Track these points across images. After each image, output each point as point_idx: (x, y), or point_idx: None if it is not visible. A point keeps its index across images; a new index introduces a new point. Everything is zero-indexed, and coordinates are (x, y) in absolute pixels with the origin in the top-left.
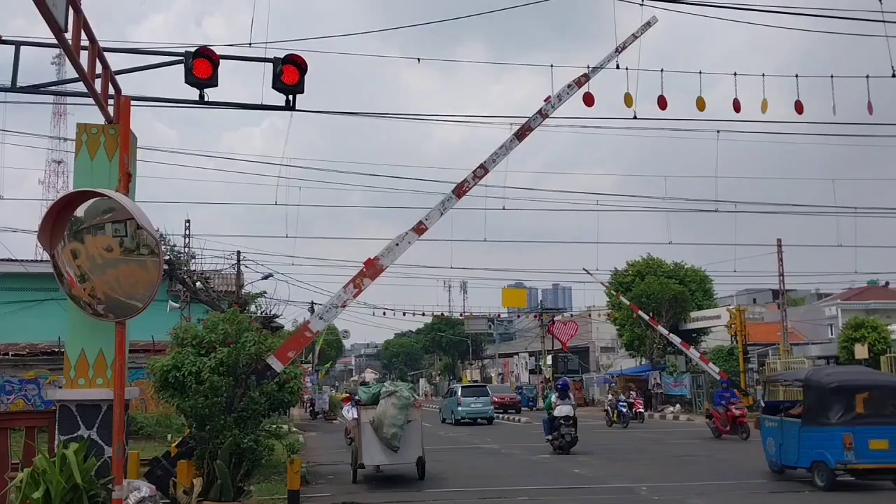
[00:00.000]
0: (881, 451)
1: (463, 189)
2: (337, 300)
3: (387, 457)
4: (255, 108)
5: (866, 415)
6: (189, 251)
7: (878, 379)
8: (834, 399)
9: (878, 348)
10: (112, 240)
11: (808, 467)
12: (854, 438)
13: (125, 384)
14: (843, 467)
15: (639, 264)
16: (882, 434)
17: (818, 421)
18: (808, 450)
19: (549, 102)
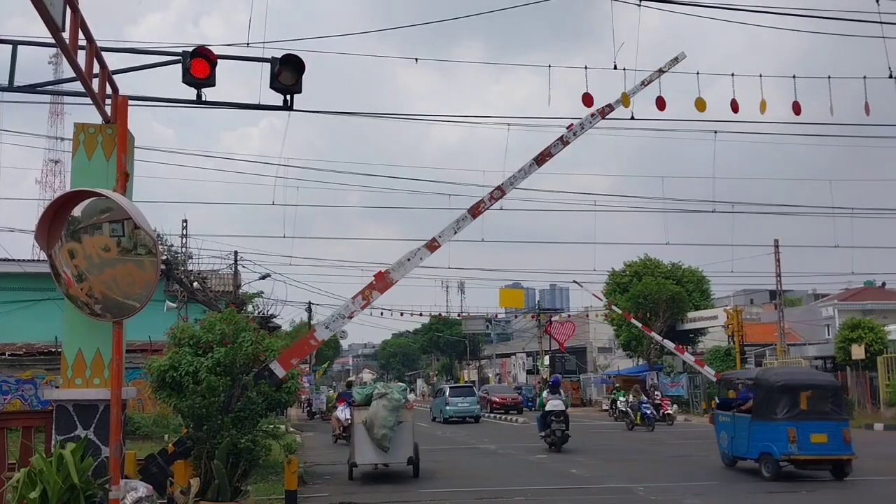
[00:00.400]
0: (821, 444)
1: (479, 209)
2: (344, 310)
3: (378, 456)
4: (252, 108)
5: (809, 411)
6: (186, 251)
7: (820, 379)
8: (780, 397)
9: (874, 349)
10: (109, 239)
11: (757, 458)
12: (797, 432)
13: (122, 384)
14: (787, 459)
15: (636, 265)
16: (822, 429)
17: (766, 416)
18: (757, 442)
19: (572, 130)
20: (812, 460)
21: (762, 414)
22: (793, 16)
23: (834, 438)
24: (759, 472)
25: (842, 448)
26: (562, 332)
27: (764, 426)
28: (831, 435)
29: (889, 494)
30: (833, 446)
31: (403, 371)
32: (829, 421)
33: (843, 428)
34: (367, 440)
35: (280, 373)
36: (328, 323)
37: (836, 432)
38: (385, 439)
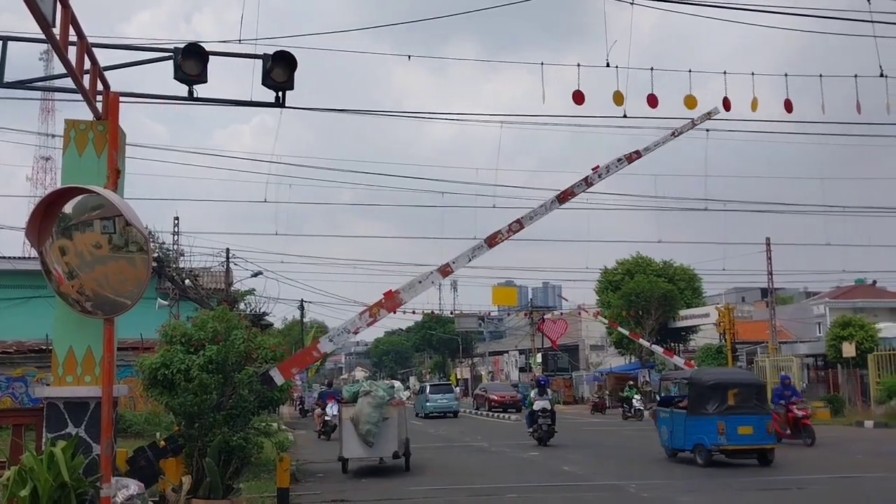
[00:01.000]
0: (747, 436)
1: (495, 240)
2: (350, 325)
3: (364, 451)
4: (244, 105)
5: (736, 406)
6: (178, 248)
7: (746, 378)
8: (711, 394)
9: (865, 346)
10: (101, 236)
11: (691, 449)
12: (726, 425)
13: (113, 382)
14: (717, 448)
15: (628, 263)
16: (748, 422)
17: (699, 412)
18: (692, 435)
19: (597, 172)
20: (739, 450)
21: (695, 410)
22: (785, 14)
23: (758, 430)
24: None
25: (765, 438)
26: (554, 330)
27: (697, 420)
28: (756, 427)
29: (879, 491)
30: (757, 437)
31: (396, 369)
32: (754, 415)
33: (766, 421)
34: (354, 435)
35: (279, 380)
36: (332, 336)
37: (760, 425)
38: (369, 434)
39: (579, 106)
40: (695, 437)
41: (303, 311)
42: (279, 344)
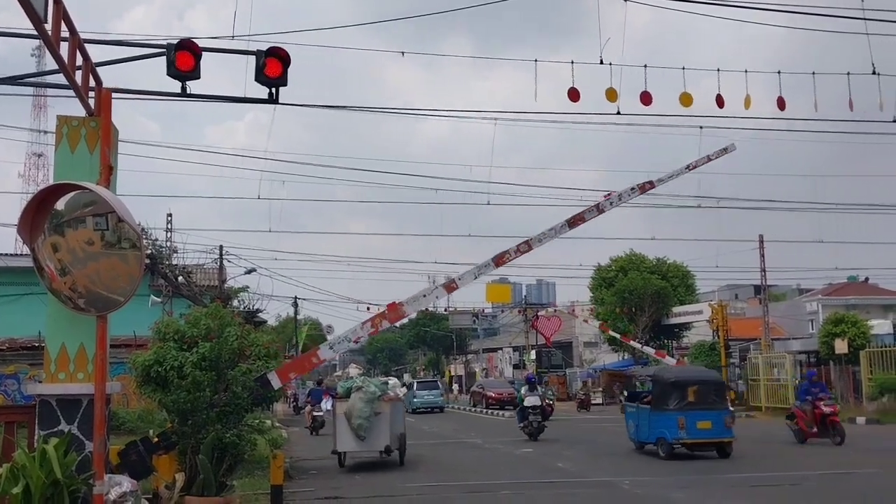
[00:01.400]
0: (706, 430)
1: (503, 259)
2: (351, 334)
3: (356, 444)
4: (237, 101)
5: (695, 402)
6: (171, 245)
7: (706, 375)
8: (672, 391)
9: (857, 343)
10: (93, 233)
11: (654, 442)
12: (686, 420)
13: (106, 379)
14: (678, 442)
15: (622, 260)
16: (706, 417)
17: (661, 407)
18: (655, 429)
19: (609, 199)
20: (699, 443)
21: (658, 405)
22: (777, 12)
23: (717, 425)
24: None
25: (723, 432)
26: (548, 327)
27: (660, 415)
28: (714, 422)
29: (871, 487)
30: (716, 431)
31: (390, 366)
32: (713, 410)
33: (724, 416)
34: (348, 429)
35: (276, 384)
36: (332, 344)
37: (718, 419)
38: (361, 429)
39: (574, 103)
40: (657, 430)
41: (296, 308)
42: (272, 341)
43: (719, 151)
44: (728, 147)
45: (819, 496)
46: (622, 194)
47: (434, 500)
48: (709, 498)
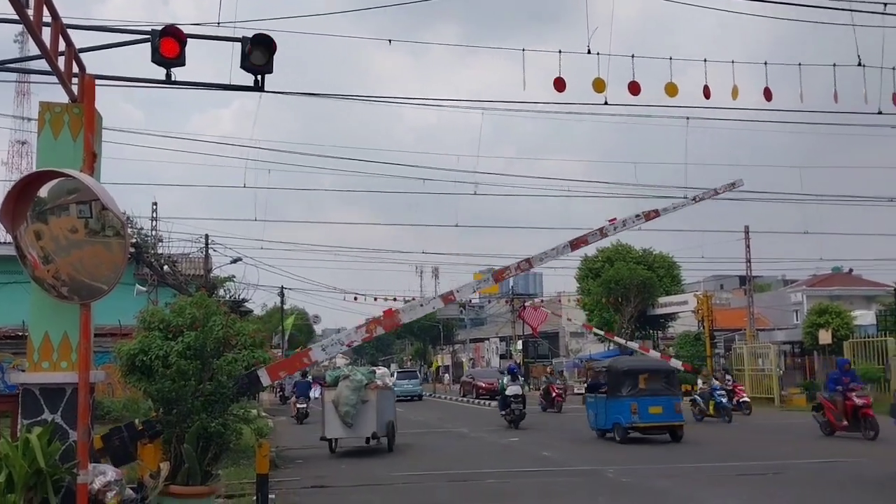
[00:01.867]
0: (657, 414)
1: (503, 275)
2: (344, 337)
3: (344, 431)
4: (222, 89)
5: (647, 390)
6: (156, 234)
7: (656, 365)
8: (625, 379)
9: (841, 334)
10: (77, 221)
11: (610, 428)
12: (638, 406)
13: (90, 367)
14: (631, 426)
15: (608, 250)
16: (657, 403)
17: (616, 395)
18: (611, 415)
19: (613, 224)
20: (651, 427)
21: (613, 393)
22: (764, 1)
23: (667, 410)
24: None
25: (673, 416)
26: (535, 318)
27: (614, 402)
28: (665, 407)
29: (852, 476)
30: (666, 416)
31: (377, 356)
32: (663, 396)
33: (674, 401)
34: (335, 416)
35: (266, 381)
36: (325, 346)
37: (668, 405)
38: (347, 416)
39: (560, 93)
40: (613, 416)
41: (283, 298)
42: (258, 330)
43: (727, 186)
44: (736, 182)
45: (803, 484)
46: (626, 220)
47: (419, 488)
48: (693, 487)
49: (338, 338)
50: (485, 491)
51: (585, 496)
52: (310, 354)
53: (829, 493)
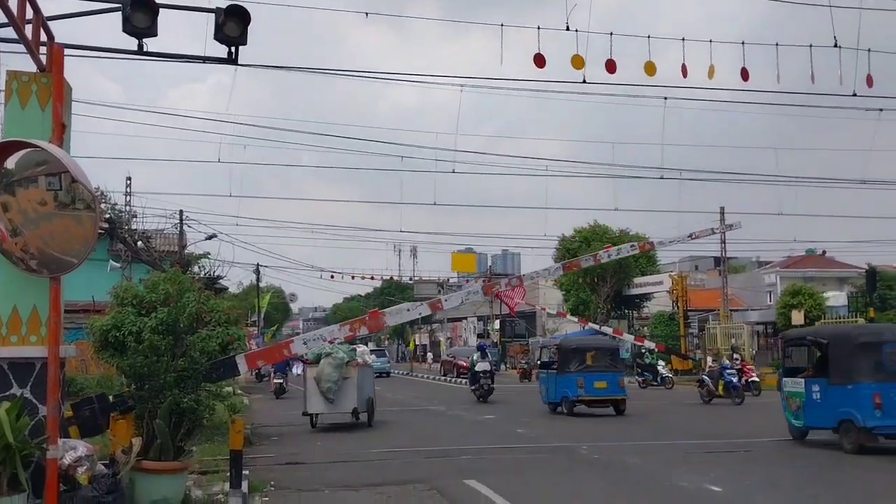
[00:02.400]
0: (602, 389)
1: (491, 289)
2: (326, 333)
3: (325, 407)
4: (195, 60)
5: (593, 366)
6: (130, 210)
7: (602, 343)
8: (573, 356)
9: (813, 314)
10: (46, 193)
11: (559, 401)
12: (584, 381)
13: (60, 342)
14: (577, 400)
15: (585, 231)
16: (602, 378)
17: (564, 371)
18: (560, 389)
19: (608, 252)
20: (596, 400)
21: (562, 369)
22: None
23: (611, 385)
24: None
25: (617, 391)
26: (512, 296)
27: (563, 378)
28: (609, 382)
29: (821, 455)
30: (610, 390)
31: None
32: (608, 372)
33: (618, 377)
34: (317, 392)
35: (243, 368)
36: (307, 339)
37: (612, 380)
38: (329, 392)
39: (540, 69)
40: (562, 391)
41: (258, 276)
42: (233, 307)
43: (725, 226)
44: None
45: (772, 461)
46: (621, 248)
47: (395, 465)
48: (665, 463)
49: (320, 333)
50: (461, 466)
51: (559, 471)
52: (290, 346)
53: (797, 470)
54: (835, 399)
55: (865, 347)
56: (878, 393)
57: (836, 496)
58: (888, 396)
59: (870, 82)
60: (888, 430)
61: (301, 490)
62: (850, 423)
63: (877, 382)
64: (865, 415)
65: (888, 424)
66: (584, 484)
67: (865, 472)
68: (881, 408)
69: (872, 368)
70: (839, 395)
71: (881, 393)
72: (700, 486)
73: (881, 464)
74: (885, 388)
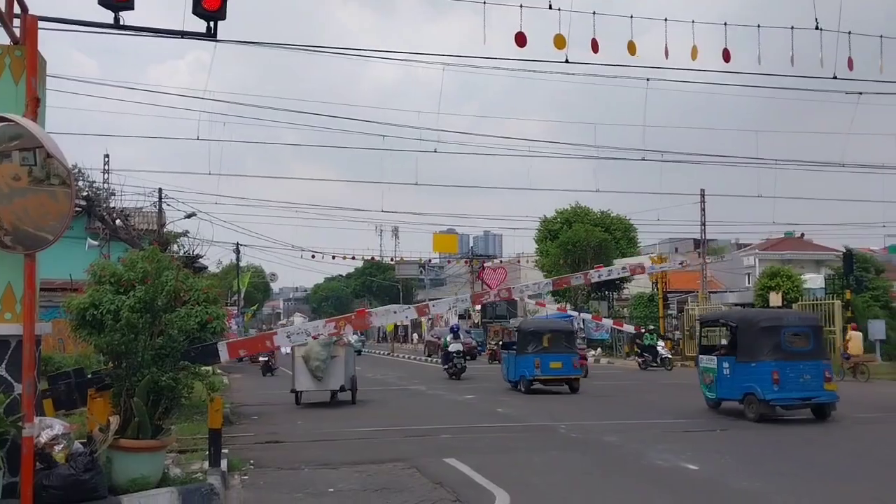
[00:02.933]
0: (557, 369)
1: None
2: (311, 328)
3: (314, 384)
4: (173, 35)
5: (549, 347)
6: (108, 187)
7: (558, 326)
8: (531, 338)
9: (790, 296)
10: (20, 168)
11: (517, 380)
12: (541, 362)
13: (36, 319)
14: (534, 379)
15: (567, 212)
16: (558, 359)
17: (523, 351)
18: (518, 370)
19: (598, 271)
20: (552, 379)
21: (521, 350)
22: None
23: (566, 365)
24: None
25: (571, 371)
26: (494, 278)
27: (521, 359)
28: (564, 363)
29: (794, 434)
30: (565, 370)
31: (336, 315)
32: (563, 353)
33: (572, 358)
34: (305, 370)
35: (224, 357)
36: (290, 333)
37: (567, 361)
38: (318, 370)
39: (521, 48)
40: (521, 370)
41: (238, 255)
42: (212, 286)
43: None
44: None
45: (746, 441)
46: (611, 270)
47: (375, 443)
48: (642, 442)
49: (304, 328)
50: (441, 445)
51: (537, 449)
52: (273, 339)
53: (771, 449)
54: (741, 375)
55: (767, 330)
56: (777, 370)
57: (815, 474)
58: (785, 373)
59: (850, 65)
60: (784, 401)
61: (280, 468)
62: (753, 395)
63: (776, 361)
64: (765, 389)
65: (784, 397)
66: (561, 462)
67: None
68: (779, 383)
69: (772, 349)
70: (744, 372)
71: (779, 370)
72: (676, 464)
73: (830, 437)
74: (783, 366)
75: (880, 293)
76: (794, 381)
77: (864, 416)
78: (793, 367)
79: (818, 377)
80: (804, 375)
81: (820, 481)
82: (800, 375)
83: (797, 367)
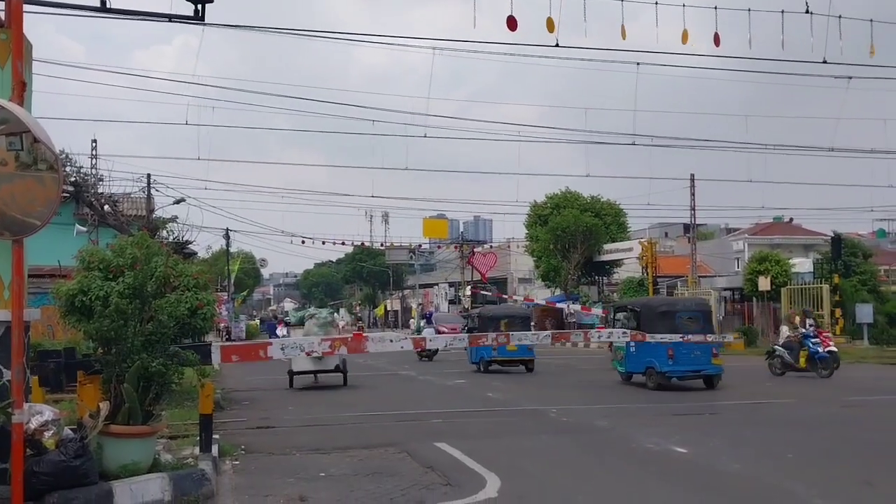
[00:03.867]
0: (514, 351)
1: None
2: (305, 344)
3: (312, 364)
4: (160, 18)
5: (507, 331)
6: (97, 173)
7: (515, 311)
8: (490, 323)
9: (779, 281)
10: (6, 153)
11: (478, 362)
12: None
13: (24, 305)
14: (492, 360)
15: (557, 197)
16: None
17: None
18: (479, 352)
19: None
20: (508, 361)
21: None
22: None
23: (521, 348)
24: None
25: (526, 353)
26: (484, 263)
27: None
28: (520, 345)
29: (783, 416)
30: (521, 352)
31: (326, 301)
32: None
33: None
34: None
35: (216, 360)
36: (284, 345)
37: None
38: None
39: (512, 32)
40: (480, 353)
41: (228, 241)
42: (201, 272)
43: None
44: None
45: (736, 423)
46: (613, 332)
47: (367, 428)
48: (631, 426)
49: (299, 343)
50: (432, 430)
51: (527, 433)
52: (267, 350)
53: (760, 431)
54: (643, 352)
55: (664, 314)
56: (672, 348)
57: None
58: (678, 350)
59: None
60: (678, 373)
61: (272, 453)
62: (652, 368)
63: None
64: (662, 363)
65: (677, 370)
66: (551, 446)
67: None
68: (673, 358)
69: (668, 329)
70: (646, 349)
71: (674, 348)
72: (667, 447)
73: None
74: (677, 344)
75: (868, 277)
76: (686, 356)
77: (852, 399)
78: (685, 345)
79: (707, 353)
80: (695, 352)
81: (809, 463)
82: (691, 352)
83: (689, 345)
